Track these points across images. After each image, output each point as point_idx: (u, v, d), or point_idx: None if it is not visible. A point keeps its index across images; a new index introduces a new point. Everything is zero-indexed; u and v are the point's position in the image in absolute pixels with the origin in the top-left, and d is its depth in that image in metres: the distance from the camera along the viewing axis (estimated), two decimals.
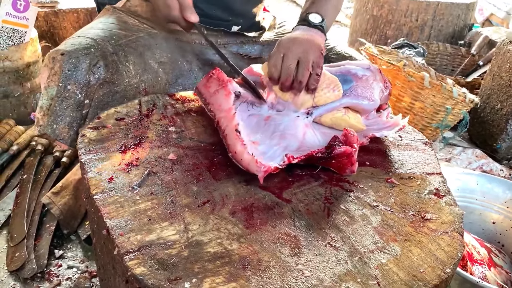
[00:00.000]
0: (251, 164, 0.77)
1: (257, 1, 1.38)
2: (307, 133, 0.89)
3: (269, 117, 0.92)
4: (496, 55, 2.13)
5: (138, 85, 1.08)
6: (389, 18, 2.88)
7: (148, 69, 1.11)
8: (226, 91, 0.88)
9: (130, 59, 1.07)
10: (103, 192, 0.72)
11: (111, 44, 1.05)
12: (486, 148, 2.15)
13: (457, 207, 0.78)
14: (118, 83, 1.03)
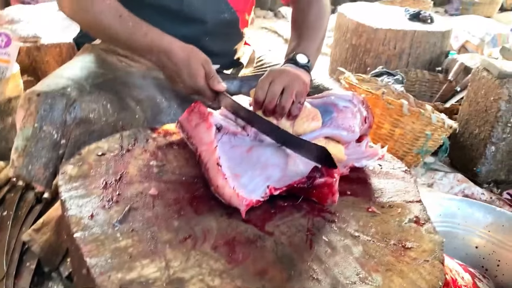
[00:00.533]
0: (233, 198, 0.77)
1: (238, 39, 1.41)
2: (289, 163, 0.90)
3: (252, 148, 0.93)
4: (472, 81, 2.19)
5: (115, 124, 1.08)
6: (367, 46, 2.96)
7: (126, 107, 1.11)
8: (208, 124, 0.89)
9: (108, 98, 1.08)
10: (84, 230, 0.71)
11: (88, 83, 1.06)
12: (467, 172, 2.19)
13: (437, 234, 0.79)
14: (95, 122, 1.03)
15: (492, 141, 2.05)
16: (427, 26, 3.03)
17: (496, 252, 1.39)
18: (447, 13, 6.11)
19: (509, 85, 1.95)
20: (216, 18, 1.28)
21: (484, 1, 5.56)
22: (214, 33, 1.30)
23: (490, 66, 2.04)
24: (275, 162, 0.90)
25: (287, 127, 0.96)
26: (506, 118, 2.00)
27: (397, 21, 3.08)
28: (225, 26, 1.33)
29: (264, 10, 5.36)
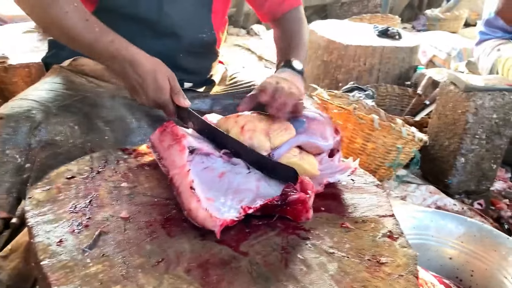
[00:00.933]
0: (207, 220, 0.76)
1: (213, 58, 1.42)
2: (260, 186, 0.89)
3: (223, 174, 0.91)
4: (440, 95, 2.25)
5: (83, 146, 1.06)
6: (339, 63, 3.01)
7: (95, 128, 1.09)
8: (180, 147, 0.88)
9: (75, 120, 1.06)
10: (52, 257, 0.68)
11: (54, 106, 1.04)
12: (438, 183, 2.23)
13: (411, 248, 0.79)
14: (61, 145, 1.01)
15: (461, 153, 2.11)
16: (396, 42, 3.12)
17: (470, 262, 1.41)
18: (415, 29, 6.30)
19: (475, 98, 2.01)
20: (194, 37, 1.29)
21: (450, 17, 5.76)
22: (189, 51, 1.30)
23: (457, 80, 2.10)
24: (247, 186, 0.89)
25: (264, 141, 0.95)
26: (473, 130, 2.06)
27: (366, 38, 3.15)
28: (202, 45, 1.34)
29: (237, 27, 5.41)
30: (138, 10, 1.19)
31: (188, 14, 1.26)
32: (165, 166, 0.91)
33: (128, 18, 1.20)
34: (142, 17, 1.20)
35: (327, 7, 6.27)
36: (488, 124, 2.05)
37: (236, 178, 0.91)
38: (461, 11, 5.86)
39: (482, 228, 1.43)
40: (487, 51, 2.58)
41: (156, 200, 0.86)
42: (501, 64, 2.40)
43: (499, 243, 1.37)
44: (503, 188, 2.33)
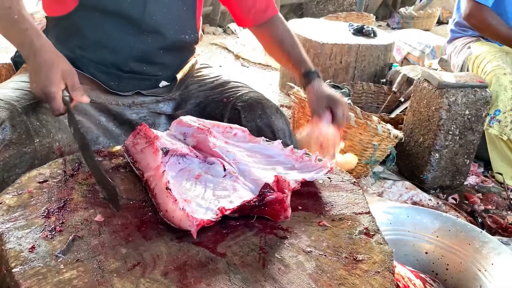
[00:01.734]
0: (183, 220, 0.75)
1: (189, 55, 1.44)
2: (237, 187, 0.89)
3: (200, 176, 0.91)
4: (414, 92, 2.29)
5: (51, 145, 1.05)
6: (315, 61, 3.03)
7: (63, 128, 1.08)
8: (154, 148, 0.87)
9: (43, 119, 1.05)
10: (23, 264, 0.67)
11: (20, 104, 1.03)
12: (414, 179, 2.27)
13: (387, 245, 0.80)
14: (26, 144, 1.00)
15: (436, 149, 2.15)
16: (371, 40, 3.15)
17: (445, 256, 1.44)
18: (389, 26, 6.39)
19: (448, 95, 2.05)
20: (177, 37, 1.30)
21: (423, 15, 5.86)
22: (170, 49, 1.31)
23: (430, 77, 2.14)
24: (224, 187, 0.89)
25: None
26: (447, 126, 2.10)
27: (342, 36, 3.18)
28: (183, 46, 1.36)
29: (214, 26, 5.39)
30: (121, 8, 1.19)
31: (172, 15, 1.27)
32: (139, 169, 0.90)
33: (111, 15, 1.20)
34: (125, 15, 1.20)
35: (303, 5, 6.30)
36: (461, 120, 2.10)
37: (213, 179, 0.90)
38: (434, 9, 5.98)
39: (456, 222, 1.46)
40: (458, 48, 2.64)
41: (131, 203, 0.85)
42: (471, 62, 2.45)
43: (473, 236, 1.40)
44: (476, 182, 2.39)
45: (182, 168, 0.91)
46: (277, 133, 1.25)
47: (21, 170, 1.00)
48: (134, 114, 1.28)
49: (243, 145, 1.04)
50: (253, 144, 1.05)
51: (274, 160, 1.02)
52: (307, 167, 1.02)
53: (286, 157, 1.03)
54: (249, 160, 0.99)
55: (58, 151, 1.06)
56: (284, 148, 1.04)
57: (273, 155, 1.03)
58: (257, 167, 0.97)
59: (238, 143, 1.05)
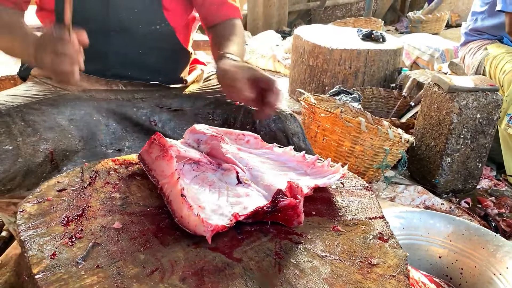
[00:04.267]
0: (198, 226, 0.76)
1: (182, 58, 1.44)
2: (250, 193, 0.91)
3: (214, 183, 0.93)
4: (425, 96, 2.29)
5: (37, 143, 1.10)
6: (324, 67, 3.04)
7: (55, 127, 1.13)
8: (168, 156, 0.89)
9: (28, 119, 1.10)
10: (46, 270, 0.69)
11: (5, 107, 1.09)
12: (426, 183, 2.27)
13: (401, 249, 0.81)
14: (7, 142, 1.06)
15: (447, 153, 2.14)
16: (380, 45, 3.16)
17: (459, 260, 1.43)
18: (397, 31, 6.39)
19: (459, 99, 2.05)
20: (147, 30, 1.30)
21: (431, 19, 5.85)
22: (150, 47, 1.31)
23: (441, 81, 2.14)
24: (238, 194, 0.91)
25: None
26: (458, 130, 2.09)
27: (351, 41, 3.19)
28: (159, 39, 1.33)
29: None
30: (87, 13, 1.22)
31: (137, 8, 1.26)
32: (154, 177, 0.91)
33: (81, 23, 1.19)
34: (90, 17, 1.23)
35: (311, 11, 6.32)
36: (472, 124, 2.09)
37: (226, 187, 0.92)
38: (442, 12, 5.96)
39: (470, 226, 1.46)
40: (473, 50, 2.63)
41: (148, 210, 0.86)
42: (488, 62, 2.45)
43: (487, 240, 1.40)
44: (489, 186, 2.37)
45: (196, 175, 0.93)
46: (291, 137, 1.26)
47: (3, 167, 1.05)
48: (135, 109, 1.28)
49: (255, 152, 1.05)
50: (265, 150, 1.06)
51: (286, 166, 1.03)
52: (320, 173, 1.03)
53: (298, 164, 1.04)
54: (261, 166, 1.00)
55: (47, 150, 1.11)
56: (297, 153, 1.05)
57: (285, 161, 1.04)
58: (270, 173, 0.98)
59: (251, 149, 1.06)
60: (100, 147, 1.20)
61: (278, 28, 5.53)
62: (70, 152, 1.16)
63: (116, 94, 1.28)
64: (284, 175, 0.99)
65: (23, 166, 1.07)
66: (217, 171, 0.97)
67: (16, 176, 1.06)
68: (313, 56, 3.10)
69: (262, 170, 0.98)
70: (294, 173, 1.01)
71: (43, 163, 1.11)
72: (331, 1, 6.34)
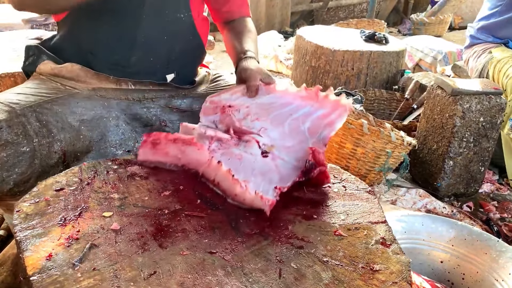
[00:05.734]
0: (256, 201, 0.87)
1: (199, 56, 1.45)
2: (279, 164, 1.01)
3: (242, 157, 1.01)
4: (427, 99, 2.27)
5: (51, 144, 1.08)
6: (327, 68, 3.02)
7: (67, 127, 1.11)
8: (198, 146, 0.96)
9: (43, 119, 1.08)
10: (41, 272, 0.67)
11: (20, 106, 1.07)
12: (428, 187, 2.25)
13: (404, 255, 0.79)
14: (24, 144, 1.03)
15: (450, 156, 2.12)
16: (382, 47, 3.14)
17: (461, 265, 1.42)
18: (400, 33, 6.37)
19: (462, 102, 2.03)
20: (173, 16, 1.30)
21: (434, 21, 5.83)
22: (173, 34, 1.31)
23: (444, 84, 2.12)
24: (269, 167, 1.00)
25: None
26: (461, 133, 2.07)
27: (353, 43, 3.17)
28: (182, 28, 1.34)
29: None
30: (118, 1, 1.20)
31: None
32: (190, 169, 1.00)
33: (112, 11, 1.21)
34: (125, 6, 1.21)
35: (314, 12, 6.30)
36: (475, 127, 2.07)
37: (254, 159, 1.01)
38: (445, 15, 5.94)
39: (472, 231, 1.44)
40: (477, 53, 2.61)
41: (147, 211, 0.85)
42: (492, 65, 2.43)
43: (490, 245, 1.38)
44: (491, 190, 2.35)
45: (223, 153, 1.01)
46: None
47: (20, 169, 1.03)
48: (145, 109, 1.28)
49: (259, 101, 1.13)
50: (269, 96, 1.13)
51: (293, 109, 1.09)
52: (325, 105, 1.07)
53: (303, 100, 1.09)
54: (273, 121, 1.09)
55: (61, 151, 1.09)
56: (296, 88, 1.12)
57: (290, 101, 1.10)
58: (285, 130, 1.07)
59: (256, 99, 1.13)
60: (110, 148, 1.19)
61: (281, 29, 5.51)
62: (81, 153, 1.15)
63: (127, 94, 1.27)
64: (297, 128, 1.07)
65: (38, 167, 1.06)
66: (239, 144, 1.05)
67: (31, 178, 1.05)
68: (315, 57, 3.08)
69: (276, 128, 1.08)
70: (302, 115, 1.08)
71: (56, 164, 1.10)
72: (334, 2, 6.32)
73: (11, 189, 1.02)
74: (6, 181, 1.01)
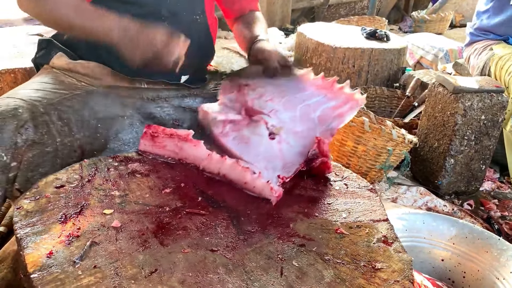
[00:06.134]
0: (265, 190, 0.89)
1: (209, 55, 1.48)
2: (283, 149, 1.02)
3: (249, 140, 1.03)
4: (429, 96, 2.27)
5: (72, 144, 1.07)
6: (328, 65, 3.01)
7: (85, 126, 1.11)
8: (194, 143, 0.97)
9: (64, 118, 1.07)
10: (42, 269, 0.67)
11: (42, 104, 1.05)
12: (429, 185, 2.24)
13: (406, 253, 0.79)
14: (49, 144, 1.02)
15: (451, 154, 2.12)
16: (384, 44, 3.13)
17: (461, 264, 1.42)
18: (401, 30, 6.35)
19: (464, 100, 2.02)
20: (190, 18, 1.32)
21: (435, 18, 5.81)
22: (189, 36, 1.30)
23: (445, 81, 2.12)
24: (273, 153, 1.01)
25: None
26: (462, 131, 2.07)
27: (354, 40, 3.16)
28: (198, 29, 1.35)
29: (225, 31, 5.40)
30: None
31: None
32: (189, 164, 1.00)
33: (129, 4, 1.21)
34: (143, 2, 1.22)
35: (315, 9, 6.29)
36: (476, 125, 2.07)
37: (260, 141, 1.03)
38: (446, 12, 5.92)
39: (473, 229, 1.44)
40: (478, 50, 2.60)
41: (148, 208, 0.84)
42: (494, 63, 2.41)
43: (491, 244, 1.38)
44: (492, 188, 2.35)
45: (235, 136, 1.03)
46: None
47: (44, 169, 1.02)
48: (159, 108, 1.28)
49: (276, 82, 1.16)
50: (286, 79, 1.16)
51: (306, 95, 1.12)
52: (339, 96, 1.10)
53: (317, 89, 1.11)
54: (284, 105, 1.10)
55: (80, 150, 1.07)
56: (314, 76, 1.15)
57: (305, 87, 1.13)
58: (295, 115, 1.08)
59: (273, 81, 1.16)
60: (124, 146, 1.19)
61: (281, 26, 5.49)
62: (97, 151, 1.14)
63: (141, 93, 1.26)
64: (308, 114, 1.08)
65: (59, 167, 1.04)
66: (249, 123, 1.06)
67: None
68: (316, 54, 3.07)
69: (288, 111, 1.08)
70: (315, 103, 1.10)
71: (75, 163, 1.09)
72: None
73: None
74: (30, 181, 1.00)
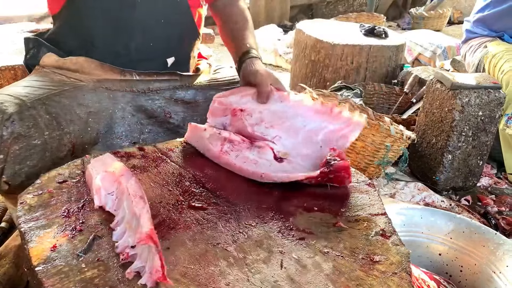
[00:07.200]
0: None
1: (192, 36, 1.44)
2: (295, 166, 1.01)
3: (257, 162, 1.01)
4: (427, 93, 2.28)
5: (61, 137, 1.09)
6: (326, 62, 3.02)
7: (75, 120, 1.12)
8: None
9: (52, 112, 1.08)
10: (46, 263, 0.68)
11: (29, 99, 1.07)
12: (426, 180, 2.26)
13: (403, 246, 0.80)
14: (36, 137, 1.04)
15: (448, 150, 2.13)
16: (382, 41, 3.14)
17: (459, 258, 1.43)
18: (400, 27, 6.36)
19: (461, 96, 2.04)
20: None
21: (434, 15, 5.83)
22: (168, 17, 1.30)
23: (443, 78, 2.13)
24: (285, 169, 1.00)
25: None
26: (460, 127, 2.08)
27: (353, 37, 3.17)
28: (178, 11, 1.33)
29: None
30: None
31: None
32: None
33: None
34: None
35: (313, 6, 6.29)
36: (474, 121, 2.08)
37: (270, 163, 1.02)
38: (444, 9, 5.94)
39: (470, 224, 1.45)
40: (473, 48, 2.62)
41: (149, 203, 0.85)
42: (487, 60, 2.43)
43: (487, 238, 1.40)
44: (489, 184, 2.37)
45: (237, 155, 1.02)
46: None
47: (32, 162, 1.04)
48: (150, 101, 1.29)
49: (273, 108, 1.12)
50: (282, 104, 1.13)
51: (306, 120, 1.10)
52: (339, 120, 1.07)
53: (316, 113, 1.09)
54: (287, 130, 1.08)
55: (70, 144, 1.09)
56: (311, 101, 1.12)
57: (304, 113, 1.10)
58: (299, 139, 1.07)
59: (269, 106, 1.13)
60: (116, 140, 1.20)
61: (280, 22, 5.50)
62: (89, 145, 1.15)
63: (131, 85, 1.27)
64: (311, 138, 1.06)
65: (49, 160, 1.06)
66: (252, 149, 1.04)
67: (42, 171, 1.06)
68: (315, 50, 3.08)
69: (290, 137, 1.07)
70: (316, 128, 1.07)
71: (66, 157, 1.10)
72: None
73: (22, 181, 1.03)
74: (18, 173, 1.02)
